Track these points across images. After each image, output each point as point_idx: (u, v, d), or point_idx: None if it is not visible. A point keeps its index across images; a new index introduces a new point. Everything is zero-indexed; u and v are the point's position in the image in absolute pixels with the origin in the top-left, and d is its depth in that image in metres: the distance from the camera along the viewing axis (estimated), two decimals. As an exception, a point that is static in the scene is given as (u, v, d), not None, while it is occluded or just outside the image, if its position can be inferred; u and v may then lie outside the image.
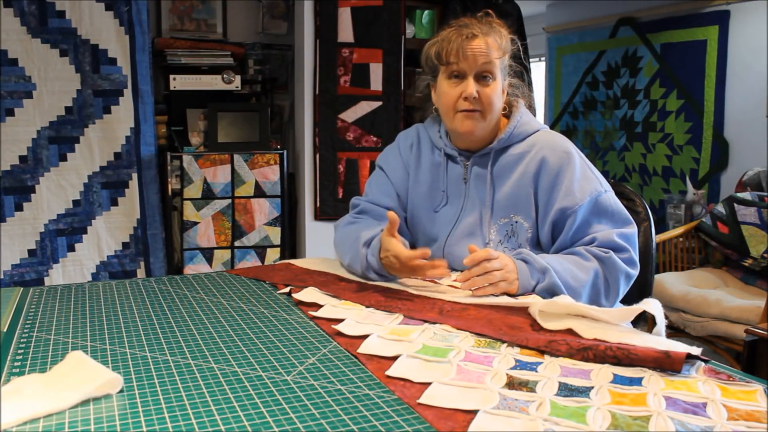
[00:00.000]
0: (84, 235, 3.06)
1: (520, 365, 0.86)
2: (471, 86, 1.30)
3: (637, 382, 0.79)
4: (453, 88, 1.33)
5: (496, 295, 1.17)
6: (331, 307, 1.13)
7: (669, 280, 2.98)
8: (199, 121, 3.26)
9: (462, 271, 1.22)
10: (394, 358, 0.89)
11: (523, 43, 1.41)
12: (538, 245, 1.35)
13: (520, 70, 1.41)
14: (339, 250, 1.42)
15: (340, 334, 1.00)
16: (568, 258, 1.26)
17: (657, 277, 3.02)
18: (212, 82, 3.23)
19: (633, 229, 1.30)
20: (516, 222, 1.34)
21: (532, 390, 0.78)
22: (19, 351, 0.94)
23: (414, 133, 1.50)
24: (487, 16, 1.36)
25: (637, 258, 1.28)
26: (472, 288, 1.18)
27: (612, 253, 1.25)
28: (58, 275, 3.02)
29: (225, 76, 3.23)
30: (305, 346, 0.96)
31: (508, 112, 1.41)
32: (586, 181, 1.30)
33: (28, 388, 0.78)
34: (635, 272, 1.28)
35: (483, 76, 1.31)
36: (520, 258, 1.24)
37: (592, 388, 0.78)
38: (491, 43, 1.31)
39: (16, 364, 0.89)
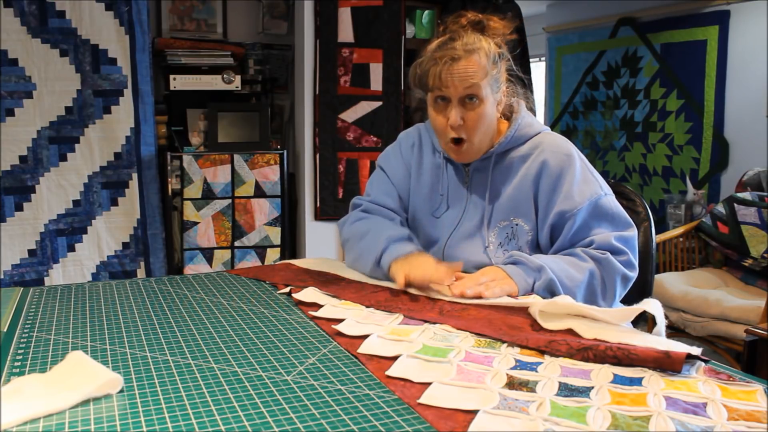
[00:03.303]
0: (84, 235, 3.06)
1: (521, 365, 0.86)
2: (454, 115, 1.27)
3: (637, 382, 0.79)
4: (439, 113, 1.30)
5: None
6: (331, 307, 1.13)
7: (669, 280, 2.98)
8: (199, 121, 3.26)
9: (462, 272, 1.22)
10: (395, 358, 0.89)
11: (521, 40, 1.39)
12: (538, 248, 1.35)
13: (515, 73, 1.39)
14: (348, 245, 1.41)
15: (340, 334, 1.00)
16: (563, 258, 1.25)
17: (657, 277, 3.01)
18: (212, 82, 3.23)
19: (632, 232, 1.29)
20: (516, 225, 1.33)
21: (533, 390, 0.78)
22: (19, 351, 0.94)
23: (415, 134, 1.49)
24: (477, 24, 1.30)
25: (636, 261, 1.27)
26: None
27: (609, 254, 1.25)
28: (58, 275, 3.02)
29: (225, 76, 3.23)
30: (305, 346, 0.96)
31: (508, 114, 1.40)
32: (586, 184, 1.30)
33: (28, 388, 0.78)
34: (633, 275, 1.27)
35: (469, 98, 1.27)
36: (509, 262, 1.23)
37: (593, 388, 0.78)
38: (474, 64, 1.25)
39: (16, 364, 0.89)
